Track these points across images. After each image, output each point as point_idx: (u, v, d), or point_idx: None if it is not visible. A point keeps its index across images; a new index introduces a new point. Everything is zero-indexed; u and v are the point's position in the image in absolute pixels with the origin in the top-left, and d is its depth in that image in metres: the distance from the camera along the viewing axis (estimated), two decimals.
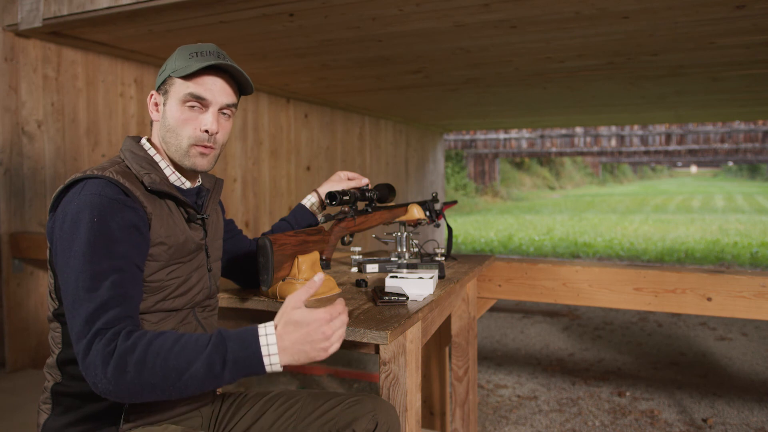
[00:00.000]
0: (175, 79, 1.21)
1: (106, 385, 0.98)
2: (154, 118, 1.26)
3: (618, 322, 4.80)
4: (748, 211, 16.44)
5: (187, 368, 0.97)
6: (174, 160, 1.25)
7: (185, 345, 0.99)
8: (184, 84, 1.20)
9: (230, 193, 4.91)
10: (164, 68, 1.24)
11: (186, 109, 1.21)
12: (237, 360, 0.98)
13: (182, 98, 1.20)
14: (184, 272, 1.23)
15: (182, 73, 1.19)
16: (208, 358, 0.98)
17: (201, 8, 2.78)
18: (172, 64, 1.22)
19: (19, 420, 2.53)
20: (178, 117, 1.21)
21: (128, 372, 0.97)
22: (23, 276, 3.29)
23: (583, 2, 2.75)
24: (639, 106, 6.67)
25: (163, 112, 1.24)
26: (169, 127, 1.22)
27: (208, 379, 0.98)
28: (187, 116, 1.21)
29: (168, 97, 1.22)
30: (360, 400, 1.30)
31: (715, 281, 2.00)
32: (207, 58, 1.21)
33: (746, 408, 3.02)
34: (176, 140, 1.22)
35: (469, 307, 2.09)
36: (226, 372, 0.98)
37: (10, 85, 3.23)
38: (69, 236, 1.07)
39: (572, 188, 29.22)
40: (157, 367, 0.97)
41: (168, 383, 0.97)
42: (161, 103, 1.24)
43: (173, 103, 1.21)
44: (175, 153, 1.23)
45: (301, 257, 1.46)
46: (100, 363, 0.98)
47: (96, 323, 1.01)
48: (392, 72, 4.45)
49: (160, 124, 1.24)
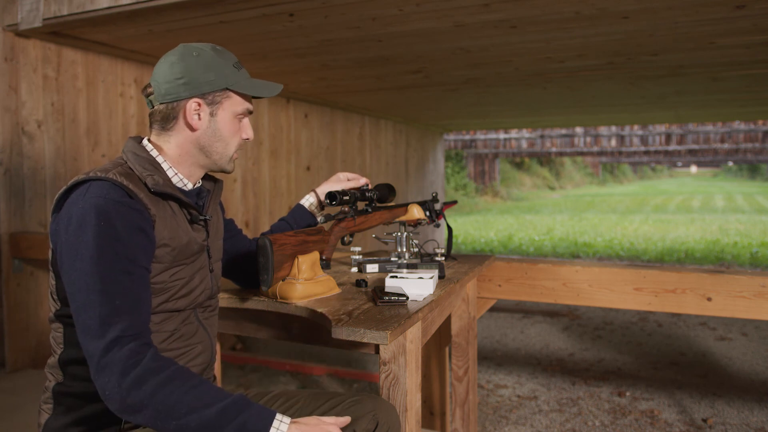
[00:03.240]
0: (233, 93, 1.24)
1: (116, 392, 1.00)
2: (194, 126, 1.22)
3: (618, 322, 4.80)
4: (748, 211, 16.44)
5: (200, 408, 1.00)
6: (208, 166, 1.28)
7: (208, 389, 1.04)
8: (242, 99, 1.26)
9: (230, 193, 4.91)
10: (212, 76, 1.20)
11: (237, 121, 1.27)
12: (246, 423, 1.01)
13: (240, 112, 1.26)
14: (187, 273, 1.23)
15: (256, 93, 1.26)
16: (224, 410, 1.01)
17: (201, 8, 2.78)
18: (220, 72, 1.21)
19: (19, 420, 2.53)
20: (232, 129, 1.26)
21: (144, 390, 0.99)
22: (23, 276, 3.29)
23: (583, 2, 2.75)
24: (639, 106, 6.67)
25: (209, 122, 1.23)
26: (219, 137, 1.25)
27: (211, 426, 1.00)
28: (237, 127, 1.28)
29: (220, 108, 1.23)
30: (360, 400, 1.31)
31: (715, 281, 2.00)
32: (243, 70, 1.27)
33: (746, 408, 3.02)
34: (225, 149, 1.26)
35: (469, 307, 2.09)
36: (229, 428, 1.01)
37: (10, 85, 3.23)
38: (75, 239, 1.07)
39: (572, 188, 29.22)
40: (174, 394, 1.00)
41: (173, 414, 1.00)
42: (205, 112, 1.22)
43: (227, 115, 1.24)
44: (219, 160, 1.27)
45: (301, 257, 1.46)
46: (119, 371, 1.00)
47: (112, 327, 1.02)
48: (392, 72, 4.45)
49: (201, 132, 1.23)
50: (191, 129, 1.23)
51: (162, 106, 1.22)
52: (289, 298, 1.44)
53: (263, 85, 1.28)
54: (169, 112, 1.22)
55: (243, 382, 3.38)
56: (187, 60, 1.20)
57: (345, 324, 1.26)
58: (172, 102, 1.21)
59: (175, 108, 1.21)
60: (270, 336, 1.65)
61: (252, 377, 3.48)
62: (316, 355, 3.86)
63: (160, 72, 1.21)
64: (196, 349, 1.26)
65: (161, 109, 1.22)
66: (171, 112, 1.22)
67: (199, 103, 1.21)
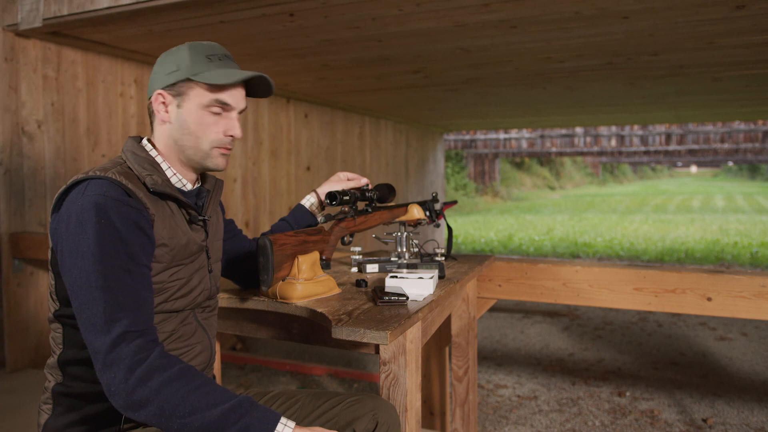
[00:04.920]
0: (196, 84, 1.20)
1: (122, 388, 1.00)
2: (163, 118, 1.23)
3: (618, 322, 4.80)
4: (748, 211, 16.44)
5: (204, 409, 1.00)
6: (188, 162, 1.25)
7: (213, 389, 1.03)
8: (208, 90, 1.20)
9: (230, 193, 4.91)
10: (174, 67, 1.20)
11: (208, 114, 1.22)
12: (249, 427, 1.01)
13: (206, 104, 1.21)
14: (185, 274, 1.23)
15: (212, 81, 1.18)
16: (227, 411, 1.01)
17: (201, 8, 2.78)
18: (185, 63, 1.20)
19: (19, 420, 2.53)
20: (199, 122, 1.21)
21: (149, 387, 0.99)
22: (23, 276, 3.29)
23: (583, 2, 2.75)
24: (639, 106, 6.67)
25: (176, 113, 1.22)
26: (187, 130, 1.22)
27: (213, 428, 1.00)
28: (209, 121, 1.22)
29: (185, 99, 1.21)
30: (360, 399, 1.31)
31: (715, 281, 2.00)
32: (228, 63, 1.24)
33: (746, 408, 3.02)
34: (196, 143, 1.22)
35: (469, 307, 2.09)
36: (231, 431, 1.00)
37: (10, 85, 3.23)
38: (75, 237, 1.07)
39: (572, 188, 29.21)
40: (179, 393, 1.00)
41: (177, 413, 0.99)
42: (173, 104, 1.22)
43: (193, 107, 1.21)
44: (193, 155, 1.24)
45: (301, 257, 1.46)
46: (126, 367, 1.00)
47: (118, 323, 1.03)
48: (392, 72, 4.45)
49: (172, 126, 1.22)
50: (163, 122, 1.24)
51: (148, 102, 1.26)
52: (289, 298, 1.44)
53: (227, 74, 1.20)
54: (151, 109, 1.26)
55: (243, 382, 3.38)
56: (163, 57, 1.24)
57: (345, 324, 1.26)
58: (150, 98, 1.25)
59: (152, 103, 1.24)
60: (270, 336, 1.65)
61: (252, 377, 3.48)
62: (316, 355, 3.86)
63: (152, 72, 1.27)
64: (195, 349, 1.26)
65: (148, 105, 1.27)
66: (150, 107, 1.26)
67: (162, 95, 1.22)
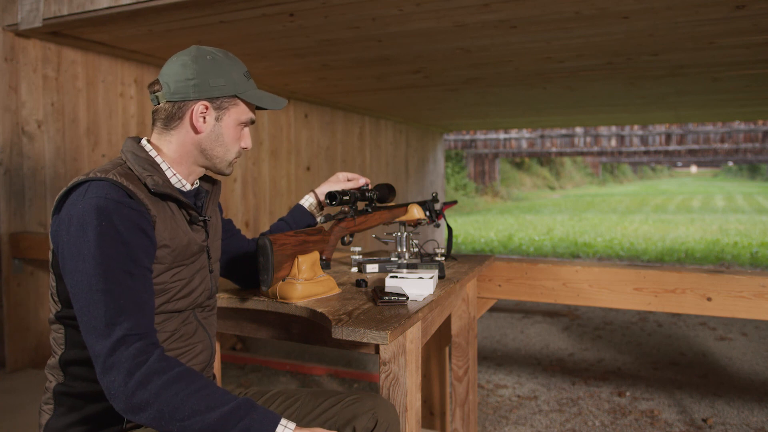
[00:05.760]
0: (240, 101, 1.25)
1: (122, 391, 1.00)
2: (199, 128, 1.22)
3: (618, 322, 4.80)
4: (748, 211, 16.43)
5: (203, 411, 1.00)
6: (206, 167, 1.29)
7: (213, 392, 1.03)
8: (247, 108, 1.28)
9: (230, 193, 4.91)
10: (222, 81, 1.21)
11: (239, 129, 1.28)
12: (249, 429, 1.01)
13: (244, 121, 1.28)
14: (187, 274, 1.23)
15: (263, 104, 1.27)
16: (227, 414, 1.01)
17: (201, 8, 2.78)
18: (231, 79, 1.23)
19: (19, 420, 2.53)
20: (233, 136, 1.27)
21: (149, 389, 0.99)
22: (23, 276, 3.29)
23: (583, 2, 2.75)
24: (639, 106, 6.67)
25: (214, 126, 1.24)
26: (221, 142, 1.25)
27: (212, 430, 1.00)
28: (239, 135, 1.29)
29: (225, 113, 1.24)
30: (360, 398, 1.31)
31: (715, 281, 2.00)
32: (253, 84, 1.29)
33: (746, 408, 3.02)
34: (224, 154, 1.27)
35: (469, 307, 2.09)
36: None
37: (10, 85, 3.23)
38: (77, 240, 1.06)
39: (572, 188, 29.21)
40: (178, 396, 1.00)
41: (176, 415, 0.99)
42: (211, 116, 1.23)
43: (231, 121, 1.25)
44: (218, 163, 1.28)
45: (301, 257, 1.46)
46: (125, 370, 1.00)
47: (118, 326, 1.03)
48: (392, 72, 4.45)
49: (204, 136, 1.24)
50: (195, 131, 1.23)
51: (168, 104, 1.21)
52: (289, 298, 1.44)
53: (270, 98, 1.30)
54: (175, 112, 1.22)
55: (243, 382, 3.38)
56: (200, 62, 1.21)
57: (345, 324, 1.26)
58: (179, 101, 1.21)
59: (182, 108, 1.21)
60: (270, 336, 1.65)
61: (252, 377, 3.48)
62: (316, 355, 3.86)
63: (171, 71, 1.21)
64: (196, 349, 1.26)
65: (167, 107, 1.22)
66: (177, 111, 1.22)
67: (207, 107, 1.22)
